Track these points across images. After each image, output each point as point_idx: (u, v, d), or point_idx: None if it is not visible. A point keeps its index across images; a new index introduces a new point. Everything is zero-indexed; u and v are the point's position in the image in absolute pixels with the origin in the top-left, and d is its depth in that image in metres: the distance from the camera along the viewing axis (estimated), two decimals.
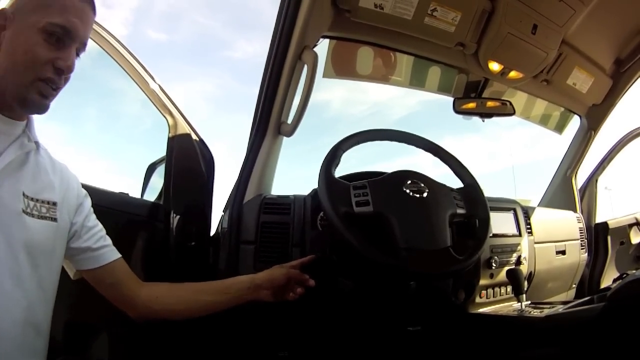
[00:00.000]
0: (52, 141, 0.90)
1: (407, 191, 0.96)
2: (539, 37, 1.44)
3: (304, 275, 1.00)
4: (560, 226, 1.63)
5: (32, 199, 0.78)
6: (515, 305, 1.21)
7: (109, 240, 0.93)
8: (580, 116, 1.92)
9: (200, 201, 1.41)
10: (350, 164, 1.14)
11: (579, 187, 2.03)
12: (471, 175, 1.09)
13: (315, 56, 1.19)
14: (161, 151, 1.46)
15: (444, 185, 1.04)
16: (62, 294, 0.84)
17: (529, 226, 1.43)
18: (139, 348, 1.24)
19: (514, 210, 1.42)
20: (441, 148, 1.14)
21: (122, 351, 1.26)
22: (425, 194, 0.97)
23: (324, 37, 1.31)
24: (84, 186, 0.94)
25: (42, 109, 0.78)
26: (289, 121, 1.29)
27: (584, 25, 1.49)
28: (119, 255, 0.93)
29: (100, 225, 0.93)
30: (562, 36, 1.50)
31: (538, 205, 1.96)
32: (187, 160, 1.38)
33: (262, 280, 0.99)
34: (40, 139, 0.84)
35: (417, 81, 1.71)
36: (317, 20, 1.18)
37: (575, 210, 1.89)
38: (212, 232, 1.42)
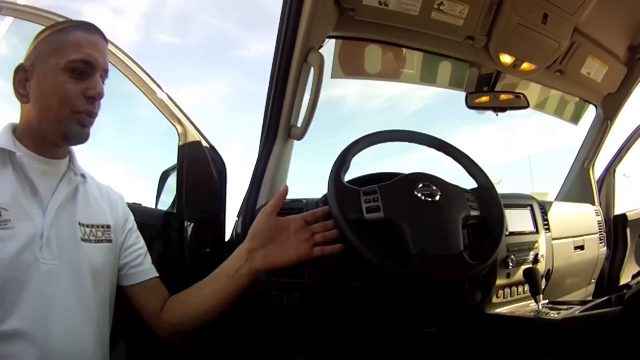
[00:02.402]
0: None
1: (419, 195, 0.93)
2: (550, 27, 1.40)
3: (308, 214, 0.94)
4: (578, 220, 1.58)
5: (87, 226, 0.85)
6: (532, 305, 1.18)
7: (148, 258, 0.96)
8: (595, 106, 1.86)
9: (214, 208, 1.42)
10: (367, 158, 1.12)
11: (596, 178, 1.99)
12: (485, 175, 1.05)
13: (321, 58, 1.18)
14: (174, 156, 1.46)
15: (457, 187, 1.01)
16: None
17: (546, 222, 1.39)
18: (156, 352, 1.25)
19: (531, 206, 1.37)
20: (453, 147, 1.10)
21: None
22: (437, 197, 0.94)
23: (330, 37, 1.30)
24: None
25: (83, 137, 0.83)
26: (299, 124, 1.28)
27: (595, 13, 1.44)
28: (156, 274, 0.96)
29: (142, 243, 0.98)
30: (574, 24, 1.45)
31: (555, 199, 1.93)
32: (198, 168, 1.39)
33: (247, 241, 0.91)
34: None
35: (428, 77, 1.68)
36: (321, 20, 1.17)
37: (593, 203, 1.84)
38: (227, 237, 1.43)
